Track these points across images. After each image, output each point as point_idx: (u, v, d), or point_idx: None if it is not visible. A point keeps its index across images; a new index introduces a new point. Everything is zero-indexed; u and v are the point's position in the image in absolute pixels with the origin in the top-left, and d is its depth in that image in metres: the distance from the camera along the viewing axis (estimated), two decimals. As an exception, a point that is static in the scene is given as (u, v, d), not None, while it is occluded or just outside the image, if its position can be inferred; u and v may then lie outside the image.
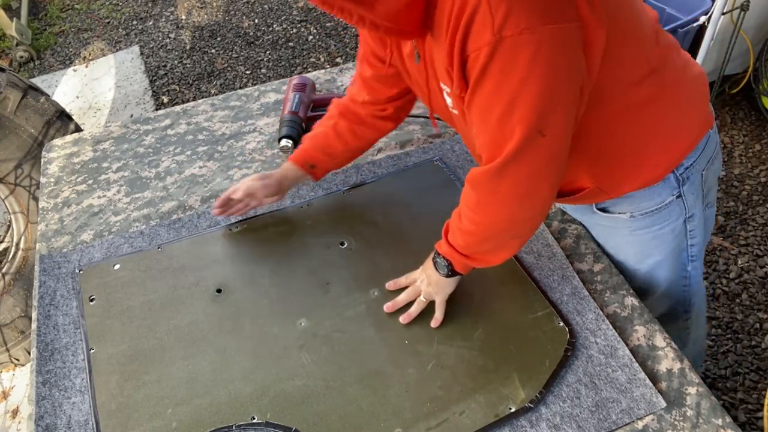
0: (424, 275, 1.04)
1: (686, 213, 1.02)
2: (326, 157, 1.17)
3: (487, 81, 0.74)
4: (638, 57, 0.85)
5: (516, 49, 0.70)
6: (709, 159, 1.01)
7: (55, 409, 0.97)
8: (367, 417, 0.92)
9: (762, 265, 2.02)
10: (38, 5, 3.98)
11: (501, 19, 0.68)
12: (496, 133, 0.78)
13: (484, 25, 0.69)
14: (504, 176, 0.81)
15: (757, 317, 1.88)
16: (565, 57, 0.73)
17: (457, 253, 0.95)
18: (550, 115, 0.76)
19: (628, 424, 0.90)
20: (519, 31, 0.68)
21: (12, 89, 1.79)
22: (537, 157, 0.79)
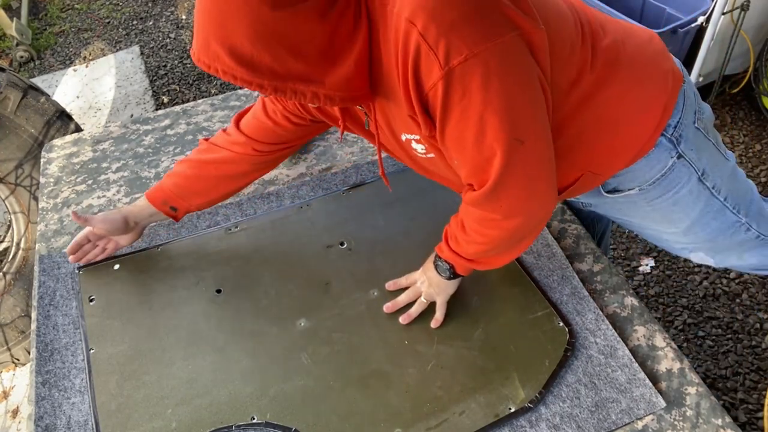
0: (425, 277, 1.04)
1: (697, 172, 0.99)
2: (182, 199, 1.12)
3: (452, 113, 0.75)
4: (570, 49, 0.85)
5: (467, 74, 0.71)
6: (694, 111, 0.98)
7: (54, 410, 0.97)
8: (367, 417, 0.92)
9: (762, 265, 2.02)
10: (38, 5, 3.98)
11: (443, 53, 0.70)
12: (476, 158, 0.80)
13: (430, 63, 0.71)
14: (500, 193, 0.82)
15: (757, 317, 1.88)
16: (516, 66, 0.74)
17: (462, 258, 0.95)
18: (520, 122, 0.77)
19: (628, 424, 0.90)
20: (464, 58, 0.70)
21: (12, 89, 1.79)
22: (525, 163, 0.80)
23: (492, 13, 0.72)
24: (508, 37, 0.73)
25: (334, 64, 0.74)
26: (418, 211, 1.24)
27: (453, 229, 0.96)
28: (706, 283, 1.99)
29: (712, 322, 1.89)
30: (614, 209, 1.10)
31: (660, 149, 0.95)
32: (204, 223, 1.25)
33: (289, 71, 0.72)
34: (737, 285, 1.97)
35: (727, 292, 1.96)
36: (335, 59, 0.74)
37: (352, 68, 0.76)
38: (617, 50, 0.90)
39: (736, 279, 1.99)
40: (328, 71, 0.74)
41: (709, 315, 1.91)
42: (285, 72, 0.72)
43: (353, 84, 0.77)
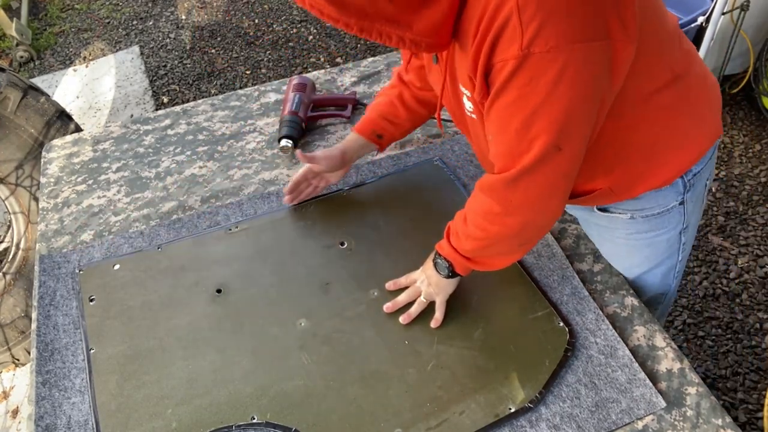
0: (424, 276, 1.04)
1: (683, 223, 1.03)
2: (392, 126, 1.19)
3: (509, 92, 0.73)
4: (662, 65, 0.84)
5: (542, 65, 0.69)
6: (711, 170, 1.01)
7: (54, 409, 0.97)
8: (367, 417, 0.93)
9: (762, 265, 2.02)
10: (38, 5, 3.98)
11: (531, 35, 0.67)
12: (513, 144, 0.78)
13: (512, 39, 0.69)
14: (518, 186, 0.81)
15: (757, 317, 1.88)
16: (590, 75, 0.72)
17: (460, 256, 0.95)
18: (569, 131, 0.76)
19: (628, 424, 0.90)
20: (547, 49, 0.68)
21: (12, 89, 1.79)
22: (552, 171, 0.79)
23: (593, 14, 0.70)
24: (596, 44, 0.71)
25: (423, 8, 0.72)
26: (418, 211, 1.24)
27: (455, 222, 0.96)
28: (706, 283, 1.99)
29: (711, 322, 1.89)
30: (590, 225, 1.13)
31: (672, 188, 0.97)
32: (204, 223, 1.25)
33: (378, 12, 0.71)
34: (737, 285, 1.97)
35: (727, 292, 1.96)
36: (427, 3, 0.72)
37: (441, 15, 0.73)
38: (692, 83, 0.90)
39: (736, 279, 1.99)
40: (418, 15, 0.72)
41: (708, 315, 1.91)
42: (374, 12, 0.71)
43: (440, 31, 0.75)
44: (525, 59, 0.69)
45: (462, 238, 0.93)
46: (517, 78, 0.71)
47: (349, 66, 1.66)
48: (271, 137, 1.45)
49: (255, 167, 1.38)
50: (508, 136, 0.78)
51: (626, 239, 1.06)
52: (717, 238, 2.11)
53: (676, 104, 0.88)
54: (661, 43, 0.83)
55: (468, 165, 1.32)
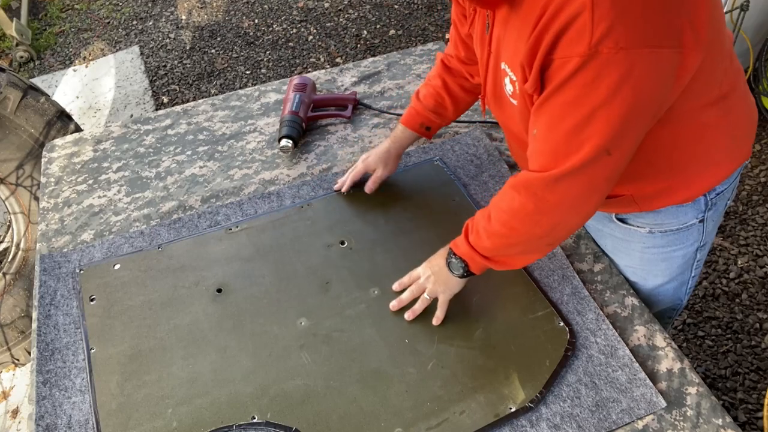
0: (429, 272, 1.03)
1: (701, 241, 1.02)
2: (439, 117, 1.21)
3: (568, 91, 0.71)
4: (714, 81, 0.82)
5: (607, 67, 0.67)
6: (733, 190, 1.00)
7: (55, 409, 0.97)
8: (367, 417, 0.93)
9: (762, 265, 2.02)
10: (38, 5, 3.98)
11: (601, 34, 0.64)
12: (560, 143, 0.76)
13: (581, 35, 0.66)
14: (558, 186, 0.79)
15: (757, 317, 1.89)
16: (654, 83, 0.70)
17: (479, 255, 0.93)
18: (622, 137, 0.73)
19: (629, 423, 0.90)
20: (616, 50, 0.65)
21: (12, 89, 1.79)
22: (597, 174, 0.77)
23: (668, 20, 0.67)
24: (666, 52, 0.68)
25: None
26: (418, 210, 1.24)
27: (477, 220, 0.93)
28: (706, 283, 1.99)
29: (711, 322, 1.89)
30: (606, 235, 1.11)
31: (694, 205, 0.96)
32: (204, 223, 1.25)
33: None
34: (737, 285, 1.97)
35: (727, 292, 1.96)
36: None
37: None
38: (735, 104, 0.88)
39: (736, 279, 1.99)
40: None
41: (708, 315, 1.91)
42: None
43: None
44: (591, 58, 0.66)
45: (484, 236, 0.90)
46: (579, 77, 0.68)
47: (349, 66, 1.66)
48: (272, 137, 1.45)
49: (255, 167, 1.38)
50: (556, 135, 0.75)
51: (642, 252, 1.05)
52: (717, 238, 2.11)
53: (717, 123, 0.86)
54: (718, 58, 0.80)
55: (468, 165, 1.32)
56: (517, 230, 0.86)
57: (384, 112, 1.49)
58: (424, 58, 1.67)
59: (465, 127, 1.43)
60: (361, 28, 3.35)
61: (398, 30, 3.30)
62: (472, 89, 1.18)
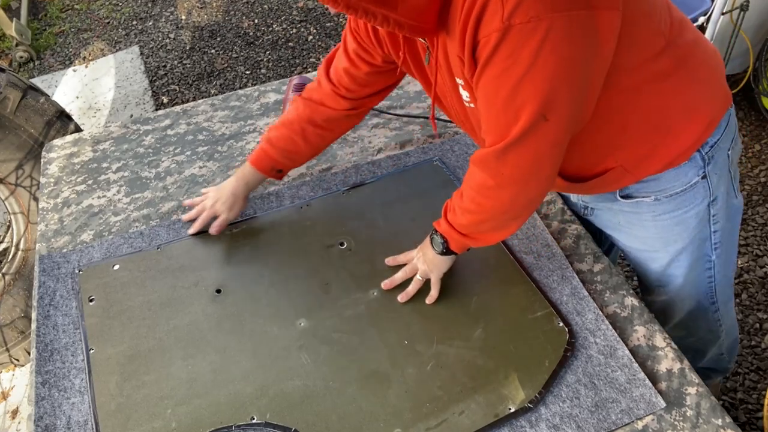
0: (420, 253, 1.07)
1: (710, 196, 1.01)
2: (292, 162, 1.20)
3: (495, 65, 0.75)
4: (653, 32, 0.85)
5: (523, 36, 0.71)
6: (732, 138, 1.00)
7: (54, 410, 0.97)
8: (367, 417, 0.92)
9: (762, 265, 2.02)
10: (38, 5, 3.98)
11: (511, 8, 0.69)
12: (500, 117, 0.81)
13: (494, 13, 0.71)
14: (507, 158, 0.83)
15: (757, 317, 1.88)
16: (574, 45, 0.74)
17: (455, 232, 0.97)
18: (554, 101, 0.77)
19: (628, 424, 0.90)
20: (527, 19, 0.70)
21: (12, 89, 1.79)
22: (540, 141, 0.81)
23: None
24: (577, 13, 0.72)
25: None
26: (418, 211, 1.24)
27: (453, 199, 0.98)
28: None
29: (711, 322, 1.89)
30: (615, 218, 1.11)
31: (691, 163, 0.96)
32: (204, 224, 1.25)
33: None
34: (737, 285, 1.97)
35: (727, 292, 1.96)
36: None
37: None
38: (688, 50, 0.90)
39: (736, 279, 1.99)
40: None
41: (708, 315, 1.91)
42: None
43: (424, 15, 0.78)
44: (507, 31, 0.71)
45: (458, 213, 0.95)
46: (500, 50, 0.73)
47: (348, 66, 1.65)
48: (271, 137, 1.45)
49: (255, 167, 1.38)
50: (495, 109, 0.80)
51: (654, 221, 1.04)
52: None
53: (674, 70, 0.88)
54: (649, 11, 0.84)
55: (467, 165, 1.32)
56: (484, 205, 0.91)
57: (384, 112, 1.49)
58: (423, 58, 1.66)
59: (464, 127, 1.43)
60: (361, 28, 3.35)
61: (398, 30, 3.30)
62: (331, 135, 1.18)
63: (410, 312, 1.06)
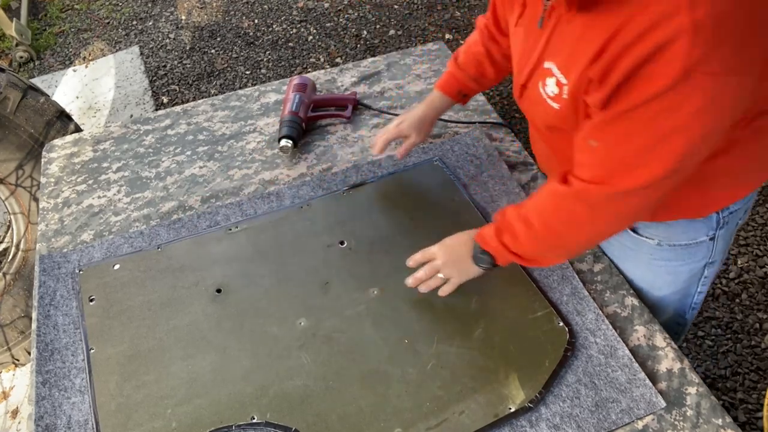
0: (447, 258, 1.01)
1: (710, 258, 1.01)
2: (479, 85, 1.20)
3: (648, 110, 0.68)
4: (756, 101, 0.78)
5: (694, 91, 0.64)
6: (745, 210, 0.99)
7: (54, 409, 0.97)
8: (367, 417, 0.93)
9: (762, 265, 2.02)
10: (38, 5, 3.98)
11: (697, 59, 0.62)
12: (627, 160, 0.73)
13: (675, 58, 0.62)
14: (617, 201, 0.77)
15: (756, 317, 1.88)
16: (732, 109, 0.69)
17: (510, 253, 0.91)
18: (690, 159, 0.72)
19: (628, 424, 0.90)
20: (706, 76, 0.63)
21: (12, 89, 1.79)
22: (656, 193, 0.76)
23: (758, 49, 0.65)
24: (748, 79, 0.66)
25: None
26: (418, 210, 1.24)
27: (511, 222, 0.89)
28: (706, 283, 1.99)
29: (711, 322, 1.89)
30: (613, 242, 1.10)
31: (706, 222, 0.95)
32: (204, 223, 1.25)
33: None
34: (737, 285, 1.97)
35: (727, 292, 1.96)
36: None
37: None
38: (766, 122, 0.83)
39: (736, 279, 1.99)
40: None
41: (708, 315, 1.91)
42: None
43: None
44: (680, 82, 0.63)
45: (523, 240, 0.88)
46: (663, 98, 0.66)
47: (349, 66, 1.66)
48: (271, 137, 1.45)
49: (255, 167, 1.38)
50: (624, 151, 0.73)
51: (648, 263, 1.05)
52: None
53: (746, 141, 0.83)
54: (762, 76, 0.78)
55: (468, 165, 1.32)
56: (563, 237, 0.85)
57: (384, 112, 1.49)
58: (424, 58, 1.67)
59: (465, 127, 1.43)
60: (361, 28, 3.35)
61: (398, 30, 3.30)
62: None
63: (410, 311, 1.06)
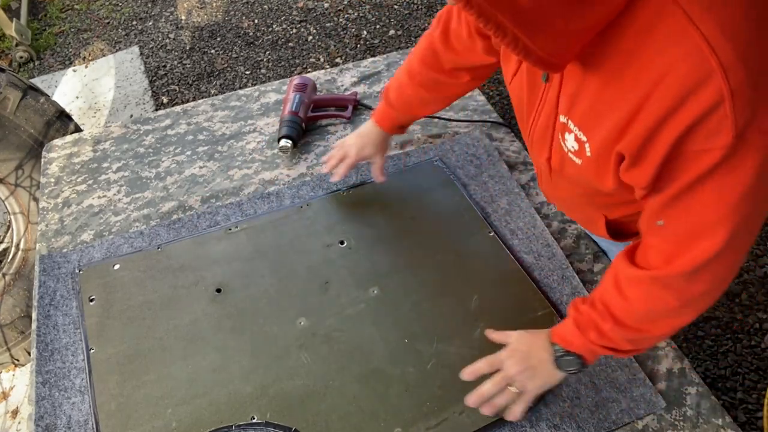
0: (523, 366, 0.87)
1: None
2: (414, 117, 1.20)
3: (709, 184, 0.63)
4: None
5: (751, 153, 0.59)
6: None
7: (54, 409, 0.97)
8: (367, 416, 0.93)
9: (762, 265, 2.02)
10: (38, 5, 3.98)
11: (745, 122, 0.57)
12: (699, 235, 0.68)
13: (722, 126, 0.57)
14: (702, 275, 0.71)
15: (756, 317, 1.89)
16: None
17: (605, 349, 0.81)
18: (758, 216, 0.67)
19: (628, 424, 0.90)
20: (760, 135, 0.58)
21: (12, 89, 1.79)
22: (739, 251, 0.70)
23: None
24: None
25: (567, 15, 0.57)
26: (417, 210, 1.24)
27: (589, 317, 0.81)
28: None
29: (711, 321, 1.89)
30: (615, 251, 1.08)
31: None
32: (204, 223, 1.25)
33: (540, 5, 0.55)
34: (736, 285, 1.97)
35: (727, 292, 1.96)
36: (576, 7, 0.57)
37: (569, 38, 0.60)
38: None
39: (736, 279, 1.99)
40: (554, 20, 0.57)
41: (708, 315, 1.91)
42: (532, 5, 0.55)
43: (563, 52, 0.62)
44: (735, 148, 0.59)
45: (616, 340, 0.80)
46: (721, 168, 0.61)
47: (349, 66, 1.66)
48: (271, 137, 1.45)
49: (255, 167, 1.38)
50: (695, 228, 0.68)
51: None
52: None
53: None
54: None
55: (468, 165, 1.32)
56: (661, 325, 0.78)
57: (384, 112, 1.49)
58: (423, 58, 1.67)
59: (465, 127, 1.43)
60: (361, 28, 3.35)
61: (398, 30, 3.30)
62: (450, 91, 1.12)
63: (410, 311, 1.06)
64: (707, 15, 0.55)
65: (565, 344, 0.83)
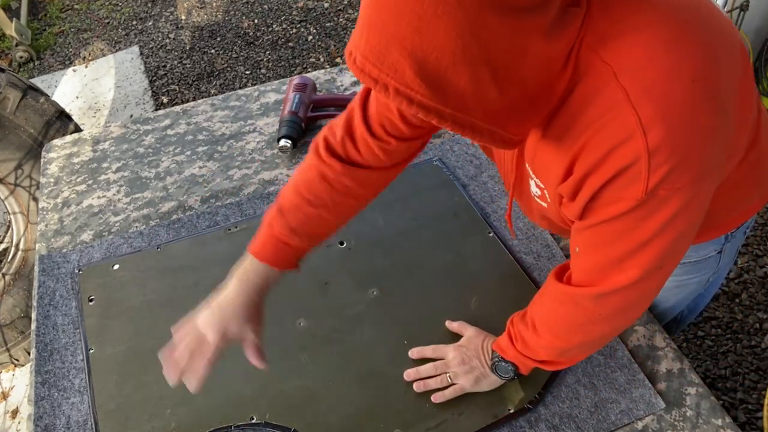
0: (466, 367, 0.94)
1: (717, 268, 1.02)
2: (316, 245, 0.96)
3: (618, 224, 0.67)
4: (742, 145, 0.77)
5: (662, 205, 0.63)
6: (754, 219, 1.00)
7: (54, 410, 0.97)
8: (366, 417, 0.92)
9: (762, 265, 2.02)
10: (38, 5, 3.98)
11: (658, 179, 0.60)
12: (608, 266, 0.72)
13: (635, 181, 0.61)
14: (609, 301, 0.75)
15: (756, 317, 1.88)
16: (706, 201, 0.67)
17: (531, 360, 0.87)
18: (674, 254, 0.71)
19: (628, 424, 0.90)
20: (672, 192, 0.61)
21: (12, 89, 1.79)
22: (648, 286, 0.74)
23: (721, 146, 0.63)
24: (714, 176, 0.65)
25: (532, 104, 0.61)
26: (418, 211, 1.24)
27: (519, 328, 0.87)
28: (706, 284, 1.99)
29: (711, 322, 1.89)
30: None
31: (714, 241, 0.96)
32: (204, 223, 1.25)
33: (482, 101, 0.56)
34: (737, 285, 1.97)
35: (727, 292, 1.96)
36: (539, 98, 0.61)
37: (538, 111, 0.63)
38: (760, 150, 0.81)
39: (736, 279, 1.99)
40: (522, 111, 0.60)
41: (708, 315, 1.91)
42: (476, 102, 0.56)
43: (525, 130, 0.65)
44: (645, 201, 0.62)
45: (533, 346, 0.85)
46: (631, 215, 0.65)
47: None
48: (271, 137, 1.45)
49: (255, 167, 1.38)
50: (604, 258, 0.72)
51: None
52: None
53: (747, 173, 0.81)
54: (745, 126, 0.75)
55: (467, 165, 1.32)
56: (570, 340, 0.82)
57: (383, 113, 1.49)
58: (423, 58, 1.66)
59: (464, 127, 1.42)
60: (361, 28, 3.35)
61: (398, 30, 3.29)
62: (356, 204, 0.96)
63: (410, 311, 1.06)
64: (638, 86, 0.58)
65: (501, 352, 0.90)
